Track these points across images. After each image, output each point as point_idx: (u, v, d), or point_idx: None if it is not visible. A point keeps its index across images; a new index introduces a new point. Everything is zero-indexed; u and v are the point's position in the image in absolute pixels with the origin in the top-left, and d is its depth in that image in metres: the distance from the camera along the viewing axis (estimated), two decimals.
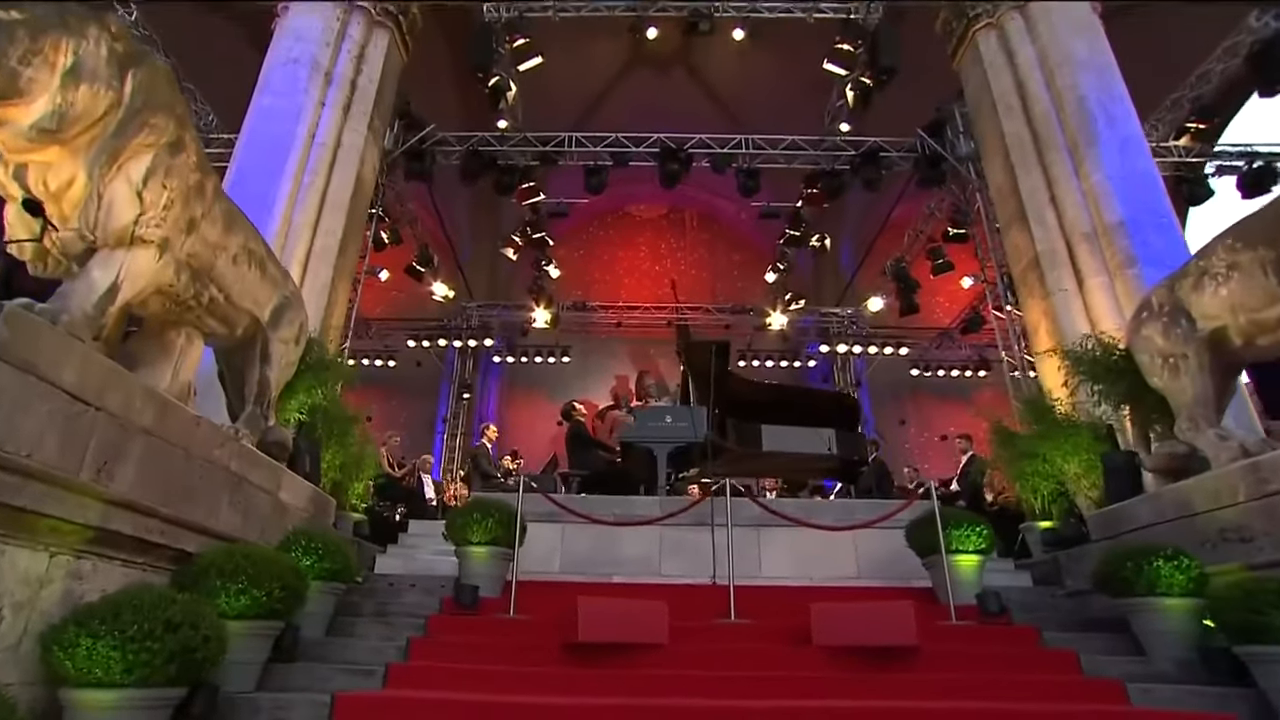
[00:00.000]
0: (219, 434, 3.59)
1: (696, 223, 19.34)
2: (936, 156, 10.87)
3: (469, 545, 4.35)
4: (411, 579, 5.22)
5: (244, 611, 3.00)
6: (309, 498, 4.65)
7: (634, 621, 3.58)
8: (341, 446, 5.50)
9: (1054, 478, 6.00)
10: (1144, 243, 7.34)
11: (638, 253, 19.00)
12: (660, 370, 17.08)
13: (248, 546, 3.26)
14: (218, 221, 3.63)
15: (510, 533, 4.40)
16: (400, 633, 3.93)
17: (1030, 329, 8.14)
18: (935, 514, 4.49)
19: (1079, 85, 8.34)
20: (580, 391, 16.98)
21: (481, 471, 7.39)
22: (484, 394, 16.44)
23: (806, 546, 5.44)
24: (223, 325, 4.00)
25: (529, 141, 10.94)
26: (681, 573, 5.27)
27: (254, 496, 3.87)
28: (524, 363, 16.18)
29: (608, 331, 16.98)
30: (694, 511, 5.52)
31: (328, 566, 3.77)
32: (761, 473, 7.13)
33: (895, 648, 3.54)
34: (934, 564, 4.60)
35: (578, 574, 5.17)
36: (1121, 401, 5.19)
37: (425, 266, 12.60)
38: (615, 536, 5.29)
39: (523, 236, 12.52)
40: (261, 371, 4.33)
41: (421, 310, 15.39)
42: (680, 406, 6.11)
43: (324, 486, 5.10)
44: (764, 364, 16.78)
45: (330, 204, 7.78)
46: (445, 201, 14.74)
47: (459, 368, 15.76)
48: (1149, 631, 3.90)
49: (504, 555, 4.44)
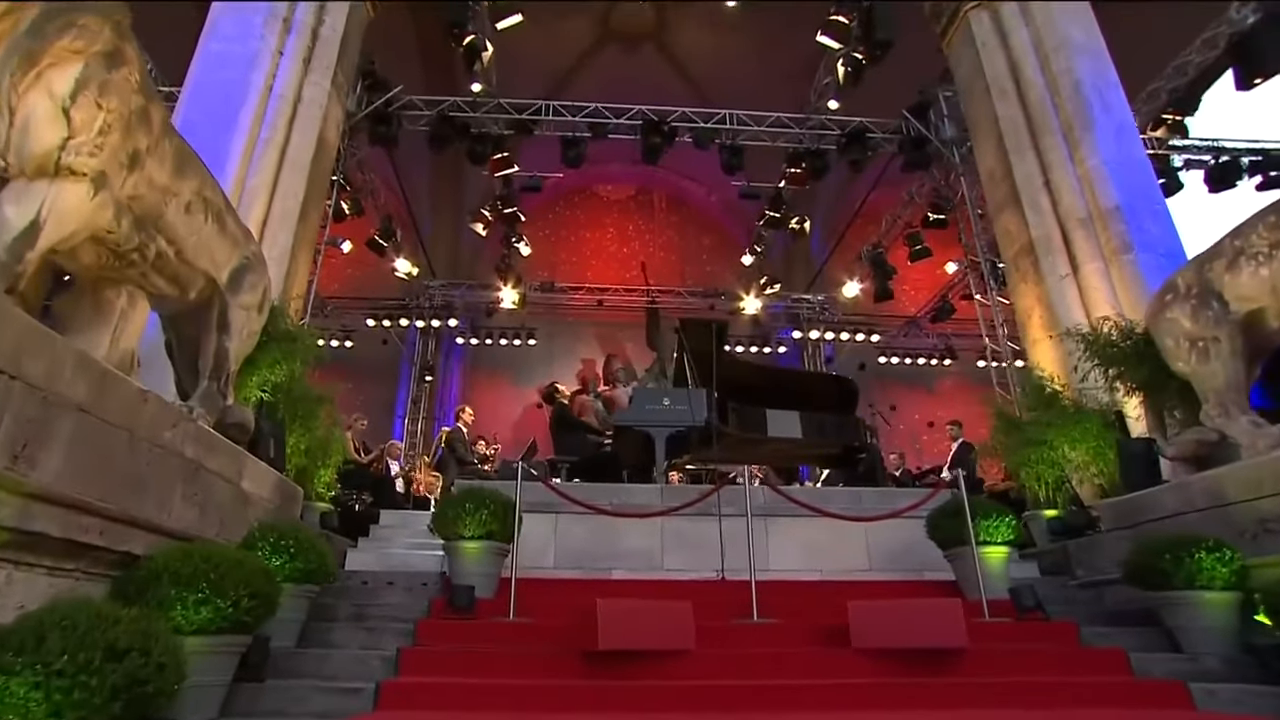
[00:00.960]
0: (171, 413, 3.02)
1: (665, 205, 18.95)
2: (921, 139, 10.70)
3: (460, 540, 3.87)
4: (388, 575, 4.71)
5: (205, 626, 2.48)
6: (274, 486, 4.09)
7: (658, 626, 3.18)
8: (307, 429, 4.92)
9: (1057, 465, 5.86)
10: (1139, 228, 7.26)
11: (605, 234, 18.51)
12: (628, 354, 16.68)
13: (207, 546, 2.72)
14: (167, 160, 3.04)
15: (506, 526, 3.94)
16: (384, 640, 3.45)
17: (1022, 315, 8.02)
18: (960, 504, 4.23)
19: (1075, 69, 8.20)
20: (545, 375, 16.42)
21: (457, 457, 6.85)
22: (446, 377, 15.76)
23: (816, 537, 5.14)
24: (173, 286, 3.40)
25: (503, 109, 10.30)
26: (685, 566, 4.90)
27: (213, 486, 3.31)
28: (488, 345, 15.53)
29: (575, 314, 16.49)
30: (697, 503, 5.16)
31: (300, 566, 3.25)
32: (759, 459, 6.82)
33: (940, 650, 3.25)
34: (959, 556, 4.35)
35: (574, 569, 4.75)
36: (1140, 387, 5.02)
37: (387, 240, 11.84)
38: (613, 528, 4.88)
39: (493, 211, 11.87)
40: (219, 342, 3.73)
41: (381, 288, 14.57)
42: (678, 389, 5.72)
43: (288, 474, 4.52)
44: (734, 349, 16.49)
45: (290, 164, 7.06)
46: (407, 174, 13.96)
47: (421, 349, 15.02)
48: (1188, 627, 3.71)
49: (499, 551, 3.99)
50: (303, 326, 5.64)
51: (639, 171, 18.00)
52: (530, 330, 15.40)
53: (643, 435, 5.75)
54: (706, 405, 5.66)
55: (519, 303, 14.58)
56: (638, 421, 5.49)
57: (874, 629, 3.31)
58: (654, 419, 5.49)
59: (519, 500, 3.92)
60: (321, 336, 5.15)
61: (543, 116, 10.42)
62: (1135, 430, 5.59)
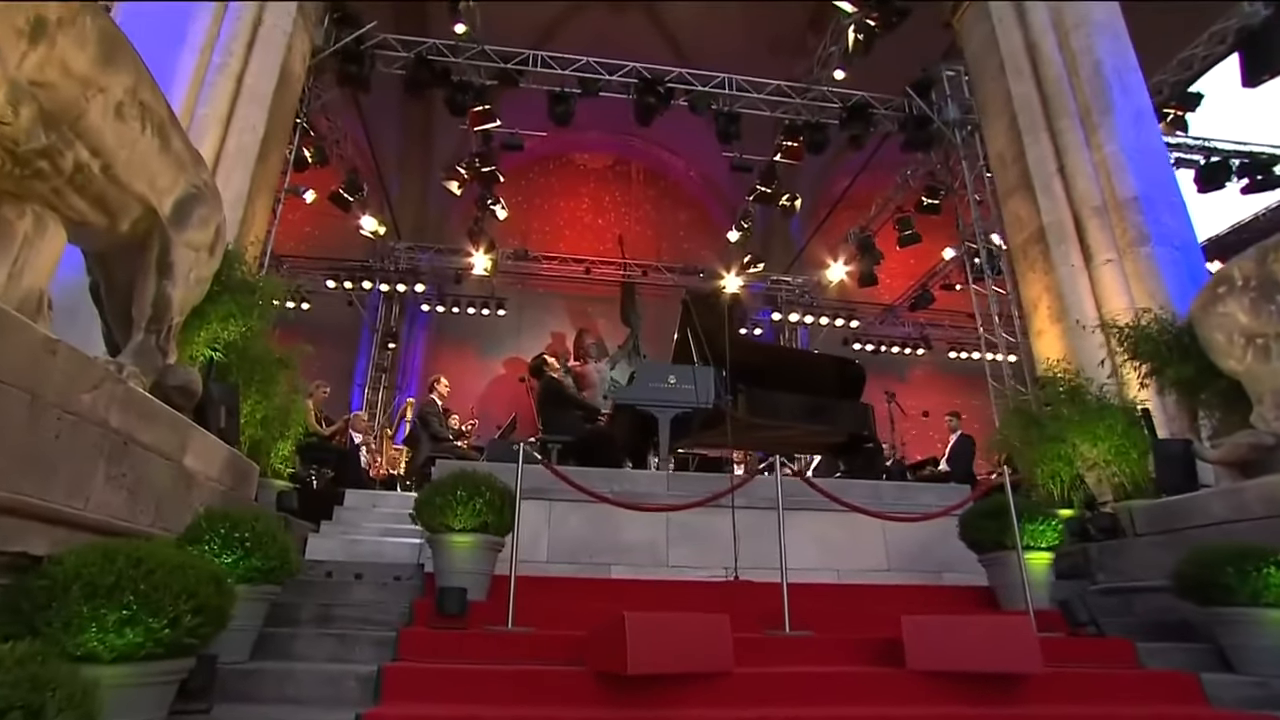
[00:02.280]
0: (91, 371, 2.36)
1: (643, 177, 18.29)
2: (924, 118, 10.29)
3: (449, 533, 3.30)
4: (355, 566, 4.12)
5: (131, 652, 1.87)
6: (225, 463, 3.43)
7: (692, 643, 2.69)
8: (265, 396, 4.23)
9: (1073, 463, 5.58)
10: (1156, 220, 6.99)
11: (580, 204, 17.78)
12: (599, 329, 16.16)
13: (136, 543, 2.10)
14: (89, 43, 2.34)
15: (503, 517, 3.38)
16: (359, 651, 2.88)
17: (1028, 305, 7.73)
18: (1003, 504, 3.84)
19: (1095, 48, 7.86)
20: (514, 348, 15.81)
21: (431, 432, 6.20)
22: (409, 345, 14.93)
23: (832, 534, 4.72)
24: (99, 212, 2.70)
25: (487, 55, 9.47)
26: (692, 563, 4.43)
27: (147, 465, 2.66)
28: (455, 313, 14.70)
29: (547, 285, 15.81)
30: (704, 492, 4.68)
31: (258, 565, 2.65)
32: (760, 445, 6.40)
33: (1006, 674, 2.85)
34: (997, 561, 3.98)
35: (570, 564, 4.23)
36: (1178, 385, 4.72)
37: (353, 195, 10.92)
38: (613, 519, 4.36)
39: (469, 169, 11.03)
40: (159, 287, 3.04)
41: (342, 248, 13.59)
42: (684, 366, 5.20)
43: (241, 448, 3.86)
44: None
45: (249, 95, 6.22)
46: (374, 129, 12.98)
47: (384, 314, 14.15)
48: (1249, 647, 3.41)
49: (493, 546, 3.43)
50: (266, 276, 4.89)
51: (618, 141, 17.34)
52: (500, 300, 14.65)
53: (641, 416, 5.23)
54: (714, 385, 5.16)
55: (491, 269, 13.81)
56: (641, 401, 4.96)
57: (934, 648, 2.89)
58: (658, 398, 4.96)
59: (519, 488, 3.36)
60: (279, 297, 4.41)
61: (529, 68, 9.63)
62: (1160, 430, 5.32)
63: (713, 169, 17.38)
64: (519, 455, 3.33)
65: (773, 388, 5.54)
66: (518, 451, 3.57)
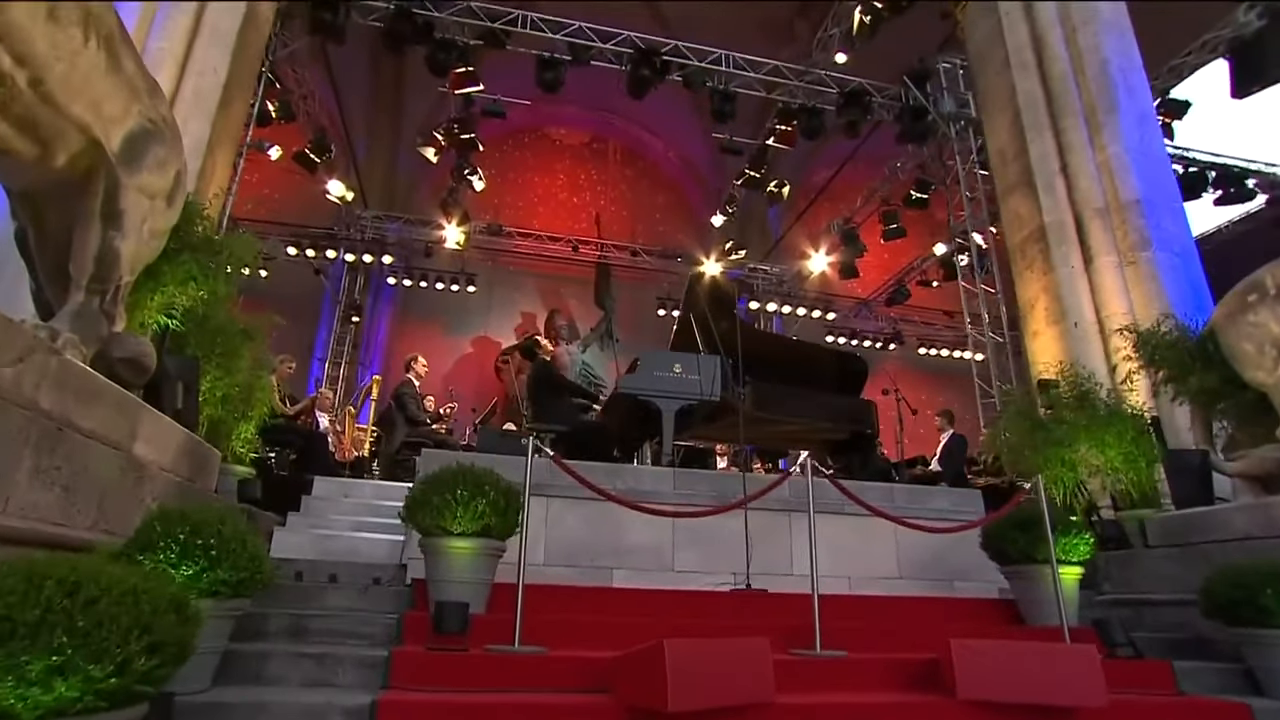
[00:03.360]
0: (16, 337, 1.87)
1: (620, 156, 17.80)
2: (921, 109, 10.09)
3: (447, 537, 2.88)
4: (329, 565, 3.68)
5: (64, 708, 1.44)
6: (182, 450, 2.94)
7: (733, 672, 2.37)
8: (227, 372, 3.72)
9: (1076, 469, 5.45)
10: (1158, 225, 6.92)
11: (555, 180, 17.22)
12: (571, 311, 15.74)
13: (71, 561, 1.64)
14: None
15: (508, 520, 2.99)
16: (341, 674, 2.47)
17: (1024, 305, 7.61)
18: (1036, 514, 3.62)
19: (1102, 46, 7.73)
20: (482, 327, 15.27)
21: (408, 415, 5.70)
22: (374, 319, 14.22)
23: (843, 539, 4.46)
24: (25, 137, 2.18)
25: (473, 13, 8.85)
26: (699, 568, 4.11)
27: (87, 455, 2.18)
28: (422, 288, 14.03)
29: (519, 262, 15.26)
30: (712, 492, 4.36)
31: (225, 578, 2.21)
32: (761, 440, 6.13)
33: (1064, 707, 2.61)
34: (1024, 575, 3.77)
35: (569, 567, 3.86)
36: (1196, 394, 4.58)
37: (320, 156, 10.18)
38: (614, 519, 4.01)
39: (447, 135, 10.39)
40: (104, 238, 2.53)
41: (305, 214, 12.75)
42: (689, 355, 4.84)
43: (200, 431, 3.36)
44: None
45: (210, 32, 5.56)
46: (342, 85, 12.17)
47: (347, 285, 13.40)
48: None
49: (495, 551, 3.04)
50: (233, 235, 4.32)
51: (596, 117, 16.79)
52: (470, 276, 14.04)
53: (639, 406, 4.85)
54: (721, 376, 4.82)
55: (463, 243, 13.20)
56: (644, 390, 4.59)
57: (987, 676, 2.63)
58: (663, 388, 4.60)
59: (528, 487, 2.96)
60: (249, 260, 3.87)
61: (517, 29, 9.05)
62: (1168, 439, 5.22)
63: (693, 151, 17.00)
64: (528, 449, 2.92)
65: (780, 381, 5.24)
66: (526, 445, 3.16)
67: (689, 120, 16.47)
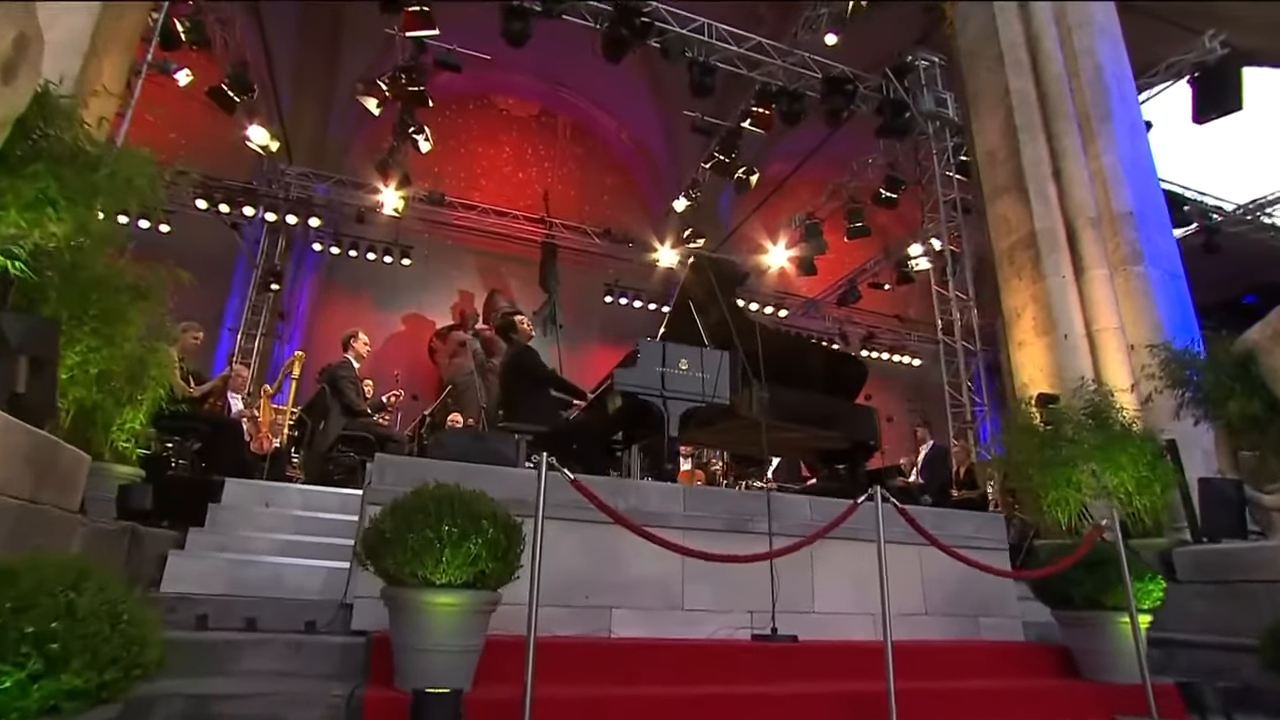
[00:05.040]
0: None
1: (570, 133, 16.93)
2: (901, 103, 9.75)
3: (427, 589, 2.06)
4: (244, 605, 2.76)
5: None
6: (24, 456, 1.99)
7: None
8: (106, 341, 2.71)
9: (1082, 490, 5.14)
10: (1150, 240, 6.76)
11: (500, 153, 16.16)
12: (513, 292, 14.80)
13: None
14: None
15: (508, 562, 2.20)
16: None
17: (1010, 313, 7.32)
18: (1109, 554, 3.15)
19: (1097, 51, 7.53)
20: (414, 304, 14.13)
21: (345, 403, 4.65)
22: (295, 287, 12.77)
23: (866, 569, 3.86)
24: None
25: None
26: (712, 605, 3.44)
27: None
28: (351, 257, 12.71)
29: (459, 237, 14.14)
30: (728, 514, 3.69)
31: (76, 685, 1.34)
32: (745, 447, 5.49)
33: None
34: (1087, 623, 3.29)
35: (561, 607, 3.08)
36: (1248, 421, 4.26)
37: (240, 94, 8.79)
38: (613, 545, 3.27)
39: (393, 85, 9.21)
40: None
41: (215, 164, 11.10)
42: (693, 348, 4.13)
43: (63, 422, 2.37)
44: (631, 304, 14.90)
45: None
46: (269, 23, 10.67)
47: (266, 248, 11.91)
48: None
49: (489, 605, 2.24)
50: (122, 149, 3.23)
51: (547, 89, 15.83)
52: (405, 248, 12.82)
53: (632, 406, 4.11)
54: (730, 375, 4.15)
55: (402, 210, 11.98)
56: (645, 389, 3.85)
57: None
58: (670, 387, 3.88)
59: (541, 518, 2.17)
60: (145, 189, 2.82)
61: None
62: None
63: (646, 134, 16.26)
64: (541, 467, 2.14)
65: (788, 383, 4.61)
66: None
67: (645, 101, 15.71)
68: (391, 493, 2.86)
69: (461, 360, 13.46)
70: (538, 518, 2.18)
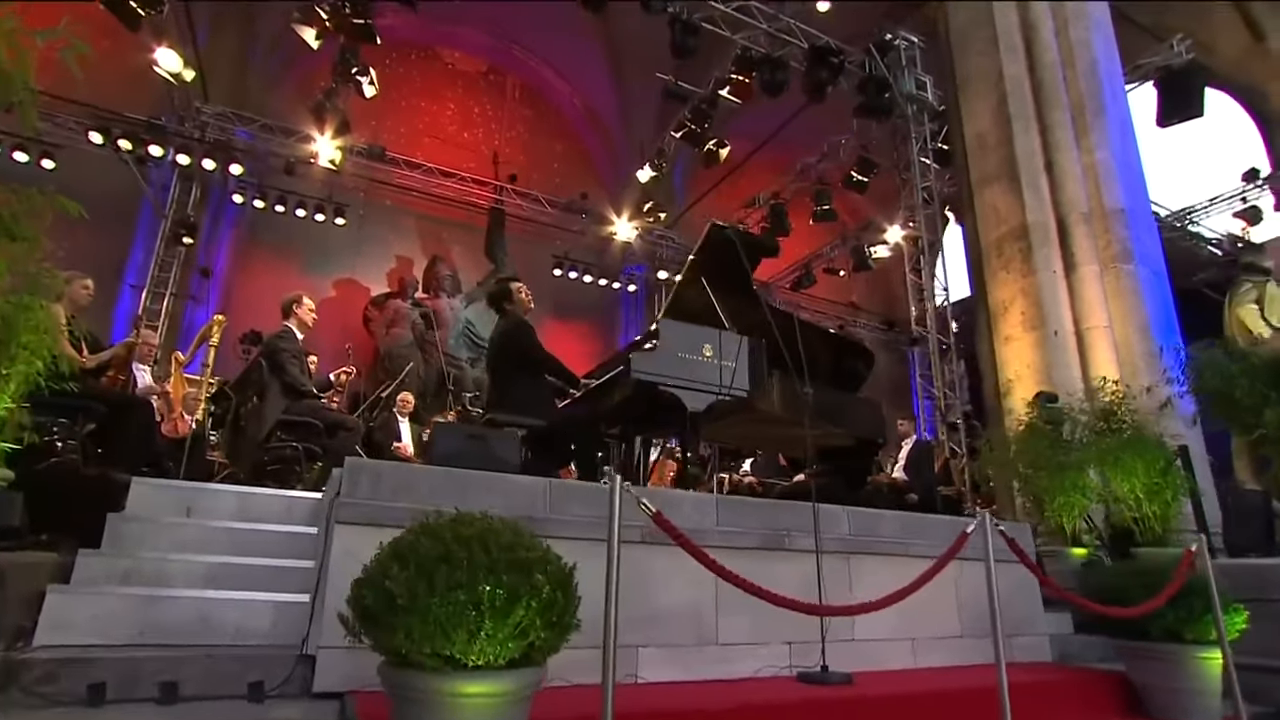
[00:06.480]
0: None
1: (519, 94, 15.95)
2: (884, 81, 9.40)
3: (455, 676, 1.42)
4: (158, 662, 2.01)
5: None
6: None
7: None
8: None
9: (1088, 495, 4.93)
10: (1139, 239, 6.67)
11: (444, 110, 15.04)
12: (454, 259, 13.88)
13: None
14: None
15: (561, 627, 1.59)
16: None
17: (996, 306, 7.11)
18: (1199, 583, 2.82)
19: (1092, 44, 7.37)
20: (348, 268, 12.99)
21: (287, 380, 3.76)
22: (212, 243, 11.36)
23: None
24: None
25: None
26: (749, 638, 2.91)
27: None
28: (278, 212, 11.39)
29: (398, 198, 13.05)
30: (765, 528, 3.17)
31: None
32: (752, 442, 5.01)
33: None
34: (1157, 657, 2.97)
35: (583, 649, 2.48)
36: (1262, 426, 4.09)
37: (147, 8, 7.46)
38: (638, 569, 2.69)
39: (335, 16, 8.07)
40: None
41: (116, 94, 9.53)
42: (712, 330, 3.55)
43: None
44: (581, 278, 14.12)
45: None
46: None
47: (177, 195, 10.47)
48: None
49: (532, 687, 1.62)
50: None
51: (497, 46, 14.82)
52: (340, 206, 11.62)
53: (644, 397, 3.51)
54: (756, 364, 3.61)
55: (339, 162, 10.79)
56: (667, 378, 3.24)
57: None
58: (691, 377, 3.29)
59: (618, 561, 1.56)
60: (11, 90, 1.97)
61: None
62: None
63: (599, 102, 15.47)
64: (615, 492, 1.52)
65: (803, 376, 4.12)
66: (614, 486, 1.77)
67: (599, 68, 14.92)
68: (369, 509, 2.18)
69: (400, 330, 12.50)
70: (611, 558, 1.56)
